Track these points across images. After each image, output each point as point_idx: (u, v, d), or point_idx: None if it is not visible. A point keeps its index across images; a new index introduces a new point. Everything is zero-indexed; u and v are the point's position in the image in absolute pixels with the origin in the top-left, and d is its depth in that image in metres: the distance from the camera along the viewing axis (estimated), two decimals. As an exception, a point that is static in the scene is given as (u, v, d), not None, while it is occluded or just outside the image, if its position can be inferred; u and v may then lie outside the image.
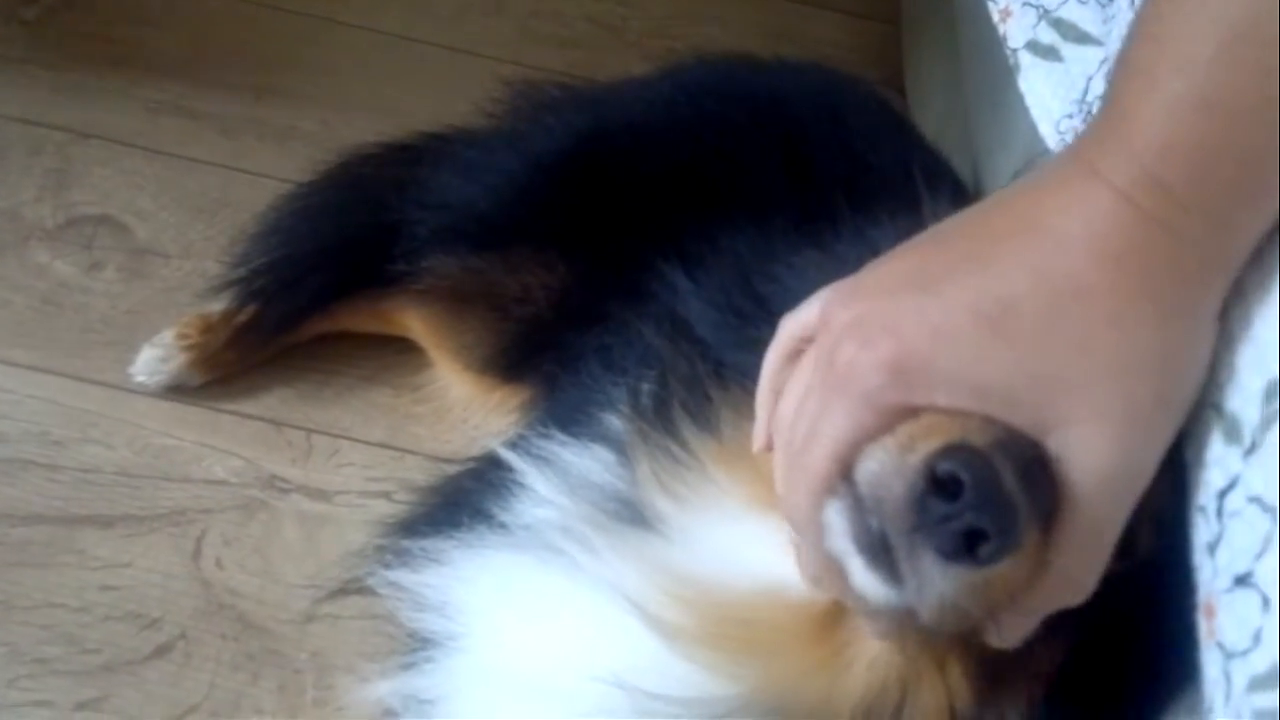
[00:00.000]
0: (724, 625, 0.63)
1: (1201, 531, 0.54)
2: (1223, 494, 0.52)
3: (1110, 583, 0.59)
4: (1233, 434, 0.53)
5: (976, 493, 0.51)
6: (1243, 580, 0.51)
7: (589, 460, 0.71)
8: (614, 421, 0.72)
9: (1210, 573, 0.52)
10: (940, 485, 0.52)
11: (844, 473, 0.56)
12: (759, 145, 1.00)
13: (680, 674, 0.62)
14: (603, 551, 0.66)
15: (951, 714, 0.61)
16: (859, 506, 0.55)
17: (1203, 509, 0.54)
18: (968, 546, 0.51)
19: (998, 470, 0.51)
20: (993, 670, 0.60)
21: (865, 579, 0.56)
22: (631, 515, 0.67)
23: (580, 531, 0.68)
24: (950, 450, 0.52)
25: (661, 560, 0.65)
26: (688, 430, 0.68)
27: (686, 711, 0.62)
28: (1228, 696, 0.50)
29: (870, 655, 0.61)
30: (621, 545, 0.66)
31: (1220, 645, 0.51)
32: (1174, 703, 0.60)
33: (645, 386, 0.71)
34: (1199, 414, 0.55)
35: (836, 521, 0.56)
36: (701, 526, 0.65)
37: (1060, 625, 0.58)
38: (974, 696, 0.60)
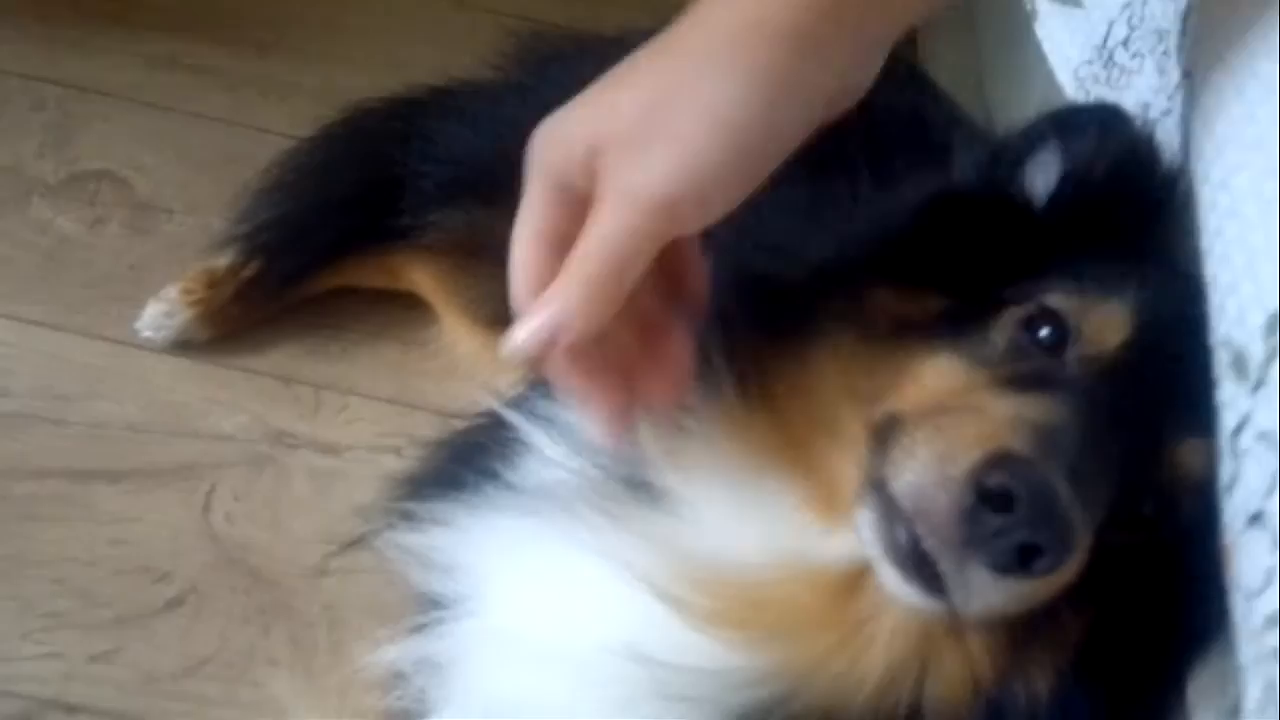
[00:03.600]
0: (741, 607, 0.61)
1: (1223, 473, 0.54)
2: (1235, 433, 0.52)
3: (1143, 550, 0.59)
4: (1241, 371, 0.52)
5: (1032, 509, 0.50)
6: (1255, 520, 0.51)
7: None
8: None
9: (1230, 514, 0.52)
10: (989, 498, 0.51)
11: (874, 482, 0.55)
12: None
13: (696, 645, 0.61)
14: (610, 527, 0.64)
15: (975, 685, 0.59)
16: (890, 516, 0.54)
17: (1221, 451, 0.54)
18: (1021, 560, 0.51)
19: (1052, 484, 0.51)
20: (1018, 641, 0.58)
21: (902, 590, 0.56)
22: (639, 485, 0.65)
23: (586, 502, 0.65)
24: (997, 461, 0.51)
25: (671, 539, 0.63)
26: (692, 396, 0.65)
27: (703, 682, 0.61)
28: (1249, 637, 0.50)
29: (891, 629, 0.59)
30: (629, 522, 0.64)
31: (1240, 586, 0.51)
32: (1202, 666, 0.59)
33: None
34: (1215, 353, 0.55)
35: (867, 532, 0.56)
36: (710, 501, 0.63)
37: (1089, 594, 0.57)
38: (998, 667, 0.59)
